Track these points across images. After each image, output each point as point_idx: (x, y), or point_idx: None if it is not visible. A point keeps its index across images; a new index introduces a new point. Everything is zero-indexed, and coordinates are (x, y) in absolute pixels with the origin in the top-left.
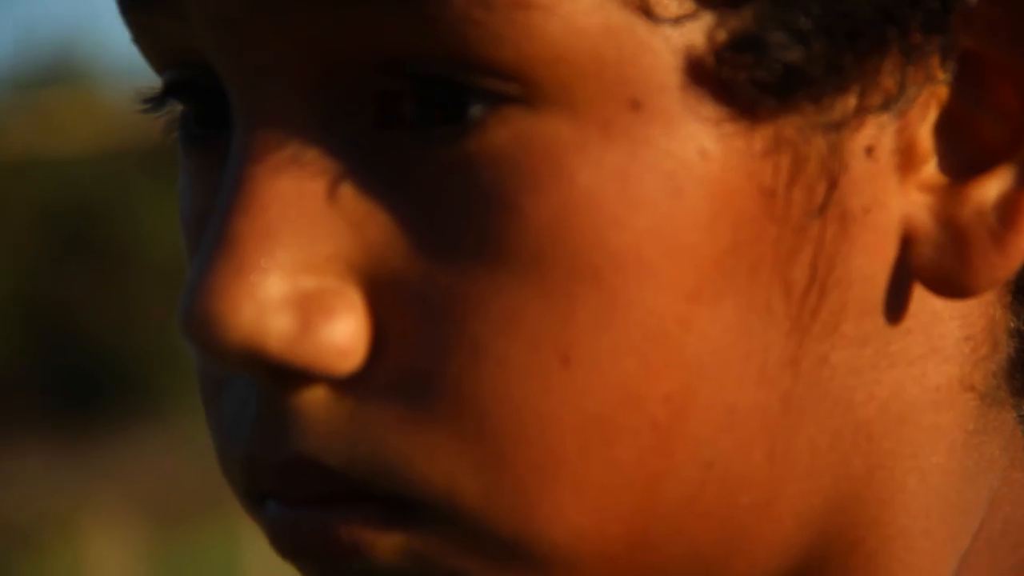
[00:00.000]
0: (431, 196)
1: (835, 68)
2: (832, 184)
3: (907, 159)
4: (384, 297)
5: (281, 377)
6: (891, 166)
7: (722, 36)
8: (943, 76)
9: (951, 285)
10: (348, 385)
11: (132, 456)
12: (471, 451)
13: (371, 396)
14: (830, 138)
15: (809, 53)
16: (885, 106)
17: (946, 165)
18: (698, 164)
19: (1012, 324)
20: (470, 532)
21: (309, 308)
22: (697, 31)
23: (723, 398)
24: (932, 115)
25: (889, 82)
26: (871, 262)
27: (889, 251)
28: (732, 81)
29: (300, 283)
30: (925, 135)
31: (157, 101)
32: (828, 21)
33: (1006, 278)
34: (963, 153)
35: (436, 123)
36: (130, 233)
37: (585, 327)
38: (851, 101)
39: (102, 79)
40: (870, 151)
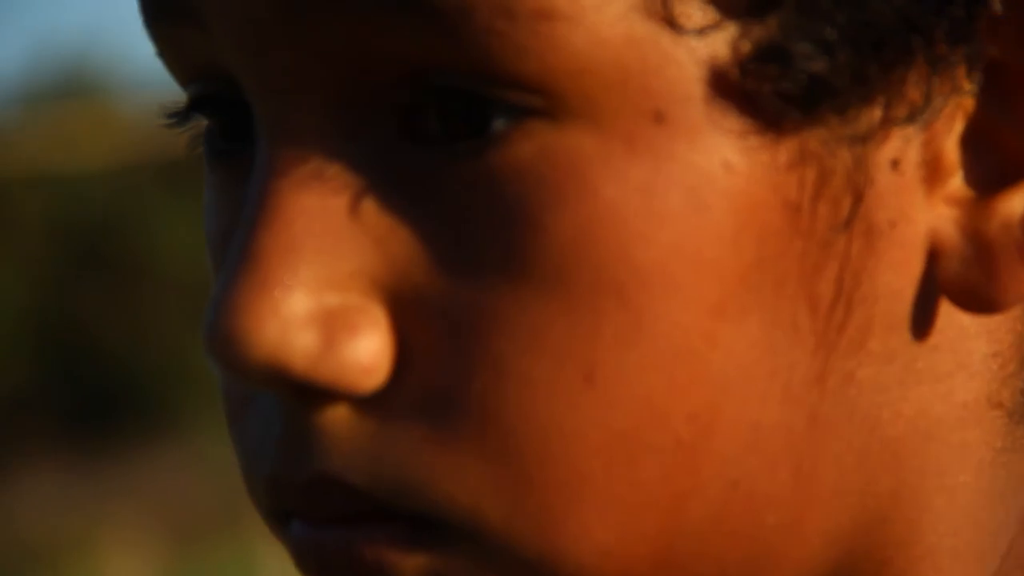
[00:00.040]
0: (454, 211)
1: (860, 79)
2: (858, 198)
3: (933, 172)
4: (408, 313)
5: (305, 395)
6: (917, 179)
7: (746, 47)
8: (969, 87)
9: (978, 300)
10: (372, 403)
11: (148, 473)
12: (495, 470)
13: (395, 414)
14: (855, 151)
15: (834, 64)
16: (911, 118)
17: (973, 178)
18: (722, 177)
19: None
20: (495, 552)
21: (333, 325)
22: (721, 42)
23: (748, 416)
24: (958, 127)
25: (915, 93)
26: (897, 277)
27: (915, 266)
28: (756, 93)
29: (324, 300)
30: (951, 147)
31: (181, 115)
32: (853, 31)
33: None
34: (990, 165)
35: (459, 137)
36: (145, 249)
37: (610, 343)
38: (876, 113)
39: (115, 93)
40: (896, 164)
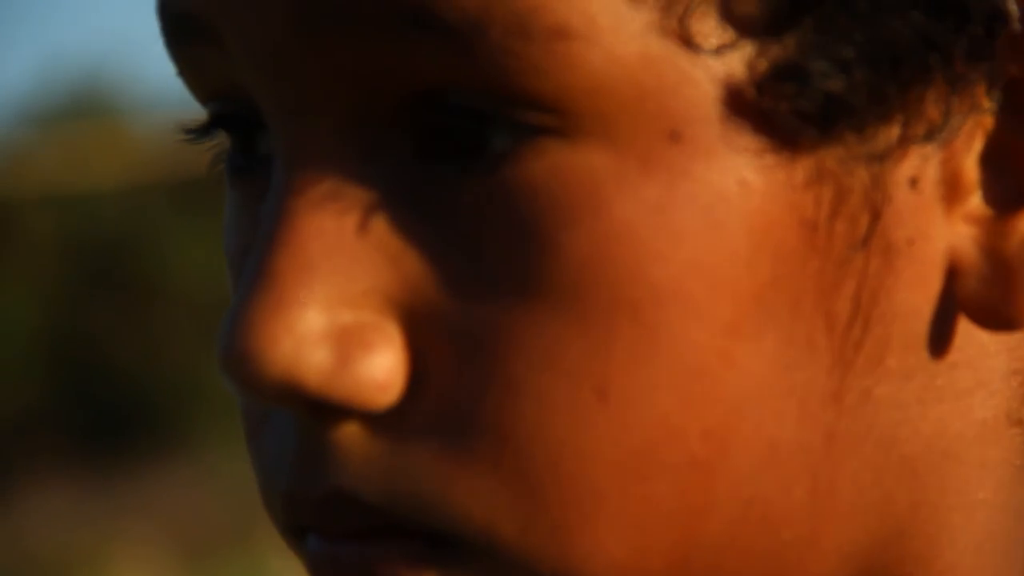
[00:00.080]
0: (468, 229)
1: (878, 97)
2: (875, 216)
3: (952, 190)
4: (422, 331)
5: (319, 412)
6: (935, 197)
7: (763, 66)
8: (989, 105)
9: (997, 318)
10: (386, 420)
11: (160, 490)
12: (509, 487)
13: (409, 431)
14: (873, 169)
15: (851, 82)
16: (929, 136)
17: (992, 196)
18: (738, 196)
19: None
20: (509, 568)
21: (347, 342)
22: (738, 61)
23: (764, 434)
24: (977, 145)
25: (933, 111)
26: (915, 295)
27: (934, 284)
28: (773, 111)
29: (338, 317)
30: (971, 166)
31: (200, 132)
32: (871, 49)
33: None
34: (1009, 184)
35: (474, 155)
36: (157, 267)
37: (624, 362)
38: (894, 131)
39: (128, 113)
40: (914, 182)
